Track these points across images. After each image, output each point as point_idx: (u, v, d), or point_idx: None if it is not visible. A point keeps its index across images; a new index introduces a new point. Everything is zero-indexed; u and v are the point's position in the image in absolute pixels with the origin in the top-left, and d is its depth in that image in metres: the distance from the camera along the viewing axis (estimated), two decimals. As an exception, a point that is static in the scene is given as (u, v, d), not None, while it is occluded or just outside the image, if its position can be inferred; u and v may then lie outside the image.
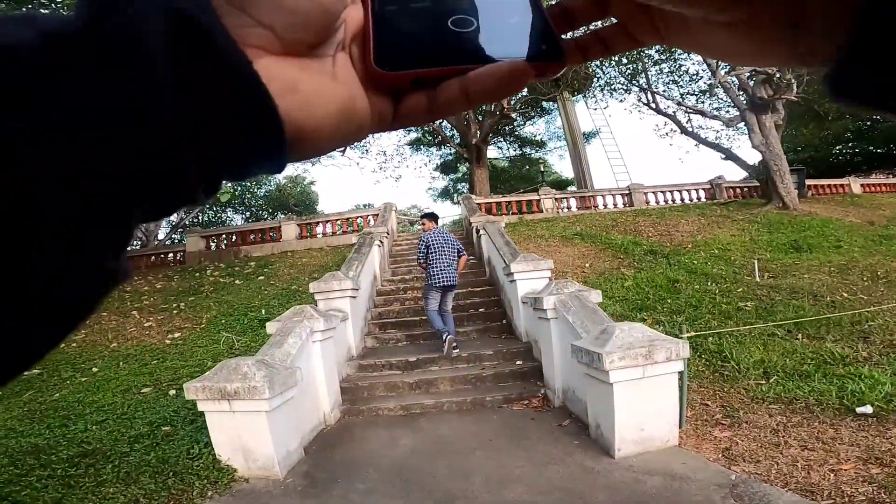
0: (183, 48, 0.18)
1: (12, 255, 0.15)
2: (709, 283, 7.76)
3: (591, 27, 0.30)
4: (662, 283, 7.67)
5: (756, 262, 8.42)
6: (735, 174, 18.85)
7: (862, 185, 18.66)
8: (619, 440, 3.56)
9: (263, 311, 8.18)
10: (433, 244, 6.22)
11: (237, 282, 10.49)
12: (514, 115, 20.82)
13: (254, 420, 3.53)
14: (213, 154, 0.20)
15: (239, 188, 31.89)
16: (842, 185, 18.39)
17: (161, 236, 23.51)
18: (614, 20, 0.28)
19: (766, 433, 3.80)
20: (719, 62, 13.85)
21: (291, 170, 37.83)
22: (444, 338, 6.01)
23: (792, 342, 5.58)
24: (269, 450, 3.62)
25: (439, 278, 6.12)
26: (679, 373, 3.52)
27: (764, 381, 4.72)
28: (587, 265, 8.84)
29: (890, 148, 25.18)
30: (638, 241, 10.03)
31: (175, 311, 8.96)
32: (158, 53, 0.17)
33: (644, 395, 3.42)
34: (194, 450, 4.00)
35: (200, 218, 29.68)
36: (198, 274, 11.95)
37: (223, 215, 32.44)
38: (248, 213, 32.78)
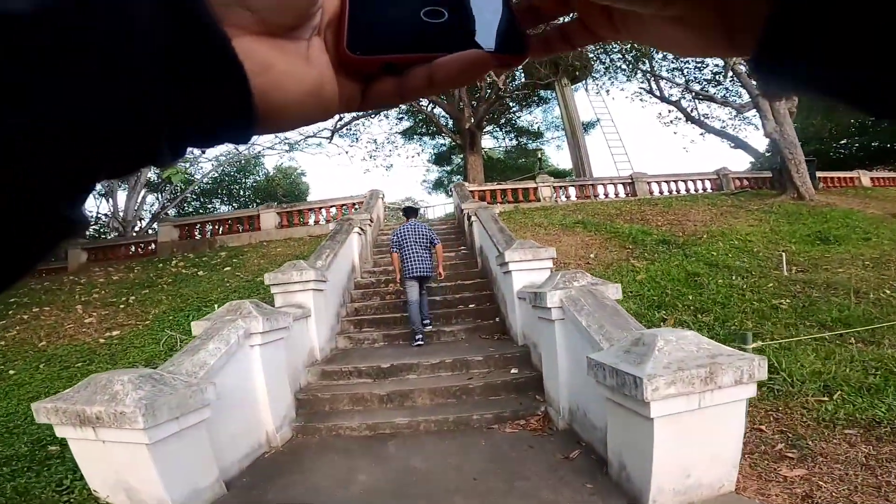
0: (168, 22, 0.18)
1: None
2: (733, 277, 6.77)
3: (555, 22, 0.31)
4: (681, 277, 6.65)
5: (783, 254, 7.43)
6: (738, 166, 18.10)
7: (871, 179, 17.81)
8: (656, 489, 2.52)
9: (218, 305, 7.07)
10: (404, 235, 6.18)
11: (200, 273, 9.39)
12: (509, 101, 19.72)
13: (132, 454, 2.48)
14: (185, 123, 0.20)
15: (227, 178, 30.77)
16: (851, 178, 17.52)
17: (139, 228, 22.37)
18: (575, 16, 0.29)
19: (854, 470, 2.79)
20: None
21: (280, 160, 36.55)
22: (416, 337, 5.91)
23: (846, 348, 4.58)
24: (159, 490, 2.56)
25: (410, 269, 6.07)
26: (748, 400, 2.48)
27: (826, 398, 3.70)
28: (592, 255, 7.82)
29: (893, 144, 24.37)
30: (647, 230, 9.01)
31: (122, 306, 7.86)
32: (145, 24, 0.18)
33: (696, 431, 2.38)
34: (67, 480, 2.95)
35: (185, 209, 28.48)
36: (161, 265, 10.83)
37: (209, 206, 31.18)
38: (235, 205, 31.50)
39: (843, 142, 25.97)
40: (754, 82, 14.29)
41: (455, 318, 6.85)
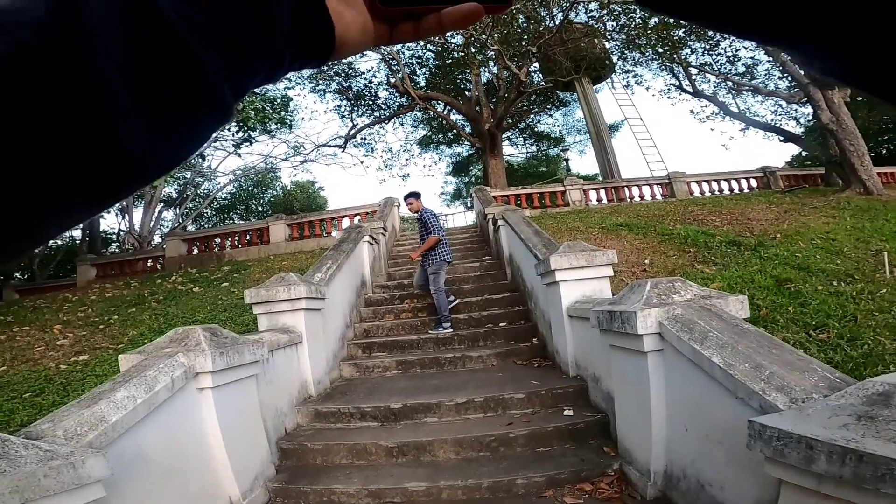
0: None
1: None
2: (833, 283, 5.39)
3: None
4: (768, 284, 5.31)
5: (885, 254, 6.01)
6: (774, 162, 16.36)
7: None
8: None
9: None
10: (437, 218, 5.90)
11: (195, 289, 8.42)
12: (529, 99, 18.57)
13: None
14: (297, 52, 0.29)
15: (244, 194, 30.39)
16: None
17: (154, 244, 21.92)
18: None
19: None
20: None
21: (295, 173, 36.15)
22: (443, 325, 5.71)
23: None
24: None
25: (449, 255, 5.93)
26: None
27: None
28: (646, 261, 6.52)
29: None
30: (707, 231, 7.67)
31: (102, 327, 6.91)
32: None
33: None
34: None
35: (203, 225, 28.07)
36: (160, 280, 9.94)
37: (228, 222, 30.83)
38: (252, 219, 31.07)
39: (886, 136, 23.94)
40: (802, 71, 12.88)
41: (483, 340, 5.63)
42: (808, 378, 1.72)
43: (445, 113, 17.91)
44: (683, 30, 13.37)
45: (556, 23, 13.66)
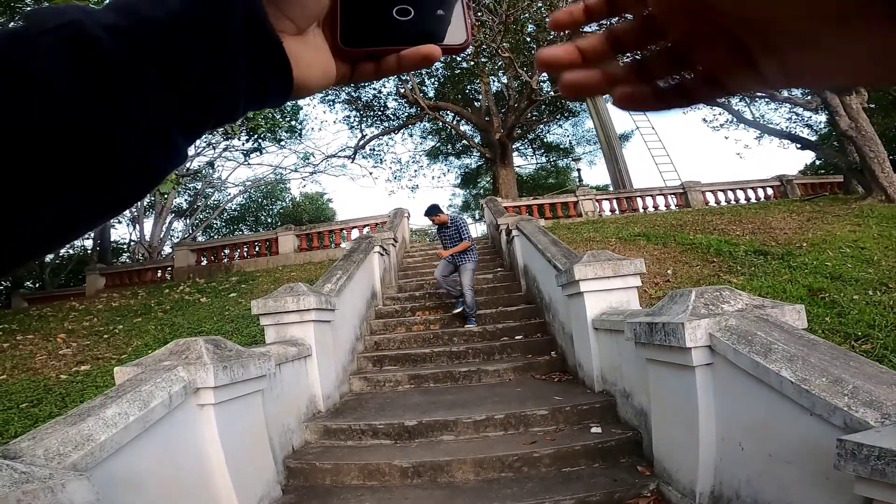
0: (252, 32, 0.27)
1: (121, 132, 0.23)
2: (868, 292, 5.11)
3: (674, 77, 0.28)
4: (801, 294, 5.04)
5: (921, 263, 5.71)
6: (788, 171, 15.97)
7: None
8: None
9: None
10: None
11: (203, 299, 8.28)
12: (540, 108, 18.45)
13: None
14: (253, 95, 0.29)
15: (253, 205, 30.52)
16: None
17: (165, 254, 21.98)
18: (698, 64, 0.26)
19: None
20: None
21: (304, 184, 36.34)
22: (472, 321, 5.93)
23: None
24: None
25: (476, 256, 6.29)
26: None
27: None
28: (669, 272, 6.26)
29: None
30: (730, 240, 7.39)
31: (107, 336, 6.76)
32: (241, 34, 0.27)
33: None
34: None
35: (213, 236, 28.17)
36: (168, 290, 9.83)
37: (238, 233, 30.97)
38: (262, 230, 31.19)
39: None
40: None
41: (499, 354, 5.39)
42: (890, 388, 1.49)
43: (455, 123, 17.85)
44: None
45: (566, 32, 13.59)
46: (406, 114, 18.21)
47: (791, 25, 0.19)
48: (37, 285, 21.50)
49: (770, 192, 14.44)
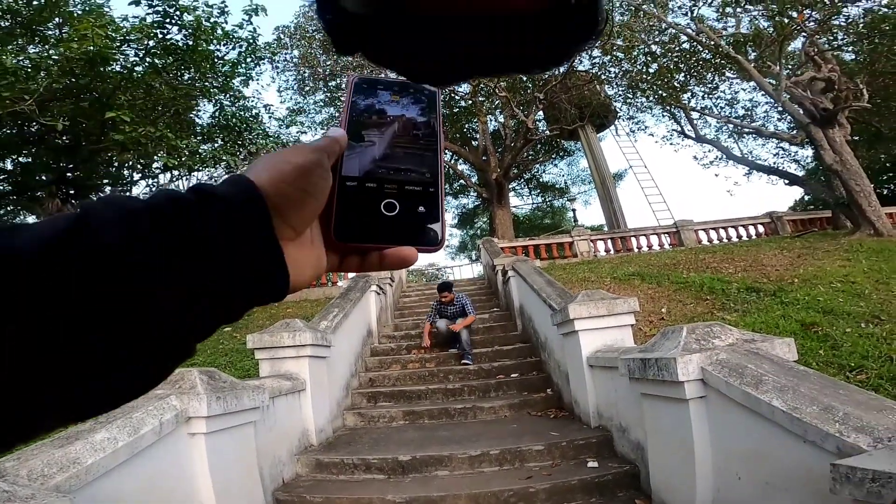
0: (259, 241, 0.29)
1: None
2: (860, 324, 5.15)
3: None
4: (794, 329, 5.08)
5: (911, 298, 5.79)
6: (777, 206, 16.23)
7: None
8: None
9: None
10: None
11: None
12: (535, 147, 18.97)
13: None
14: (252, 295, 0.29)
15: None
16: None
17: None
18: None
19: None
20: (781, 72, 11.87)
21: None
22: (468, 358, 6.09)
23: None
24: None
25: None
26: None
27: None
28: (663, 310, 6.30)
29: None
30: (723, 277, 7.47)
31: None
32: (248, 242, 0.28)
33: None
34: None
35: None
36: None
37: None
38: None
39: (888, 175, 23.85)
40: (802, 111, 13.09)
41: (494, 391, 5.34)
42: (888, 416, 1.54)
43: (452, 162, 18.31)
44: (683, 73, 13.80)
45: (561, 70, 14.21)
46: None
47: None
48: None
49: (761, 228, 14.64)
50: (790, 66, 13.21)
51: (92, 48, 8.04)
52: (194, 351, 0.29)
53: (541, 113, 16.88)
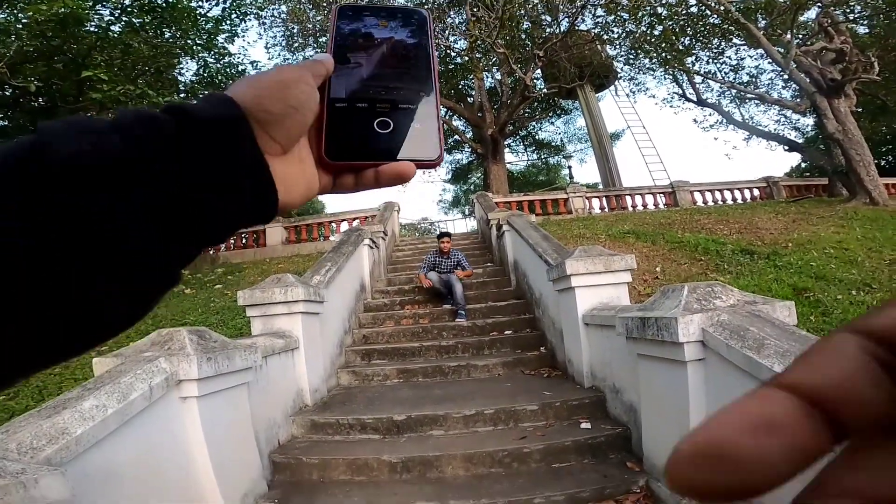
0: (242, 157, 0.28)
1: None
2: (851, 292, 5.19)
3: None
4: (786, 293, 5.10)
5: (905, 264, 5.82)
6: (777, 172, 16.22)
7: None
8: None
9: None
10: None
11: (187, 290, 8.13)
12: (529, 110, 18.45)
13: None
14: (239, 215, 0.29)
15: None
16: None
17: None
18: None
19: None
20: (792, 41, 11.48)
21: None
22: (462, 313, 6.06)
23: None
24: None
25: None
26: None
27: None
28: (658, 269, 6.30)
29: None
30: (718, 239, 7.46)
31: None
32: (232, 160, 0.28)
33: None
34: None
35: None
36: (151, 283, 9.59)
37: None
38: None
39: (886, 148, 23.84)
40: (809, 80, 12.81)
41: (488, 349, 5.36)
42: None
43: (447, 118, 17.75)
44: (689, 38, 13.32)
45: (562, 29, 13.57)
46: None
47: None
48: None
49: (756, 193, 14.61)
50: (801, 36, 12.76)
51: (63, 9, 7.57)
52: (178, 278, 0.27)
53: (539, 71, 16.26)
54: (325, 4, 14.69)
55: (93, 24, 9.16)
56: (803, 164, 23.73)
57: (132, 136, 0.24)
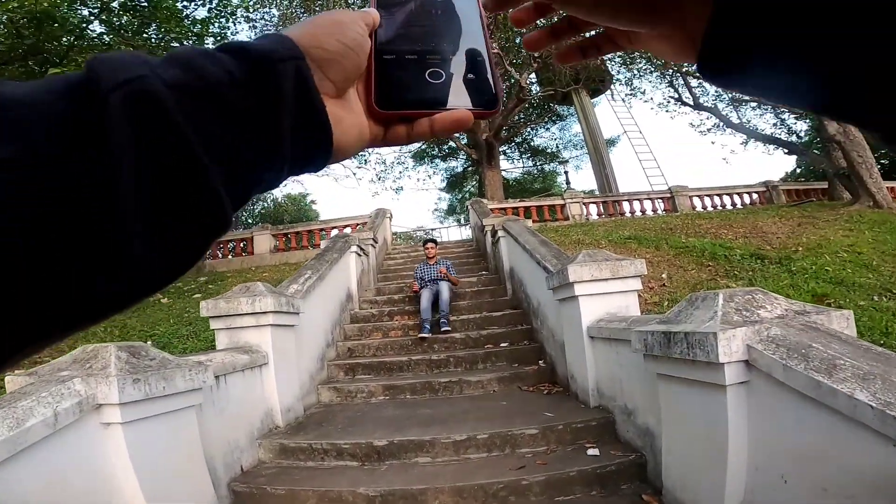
0: (300, 94, 0.27)
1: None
2: (873, 298, 4.82)
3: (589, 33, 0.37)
4: (805, 300, 4.69)
5: (924, 268, 5.46)
6: (773, 177, 15.85)
7: None
8: None
9: (156, 341, 5.26)
10: None
11: (164, 300, 7.66)
12: (524, 115, 18.20)
13: None
14: (296, 159, 0.28)
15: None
16: None
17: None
18: (601, 30, 0.36)
19: None
20: None
21: (289, 188, 35.79)
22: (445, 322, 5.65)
23: None
24: None
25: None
26: None
27: None
28: (664, 276, 5.90)
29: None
30: (724, 243, 7.09)
31: (51, 344, 6.09)
32: (290, 96, 0.27)
33: None
34: None
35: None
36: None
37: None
38: (239, 230, 30.28)
39: (884, 150, 23.73)
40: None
41: (482, 363, 4.93)
42: None
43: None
44: None
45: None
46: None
47: None
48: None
49: (756, 197, 14.38)
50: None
51: (35, 5, 7.27)
52: (229, 221, 0.25)
53: (534, 75, 16.03)
54: (316, 9, 14.42)
55: (70, 23, 8.85)
56: (798, 169, 23.56)
57: (213, 66, 0.24)
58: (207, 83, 0.24)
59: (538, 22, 0.36)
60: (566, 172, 18.44)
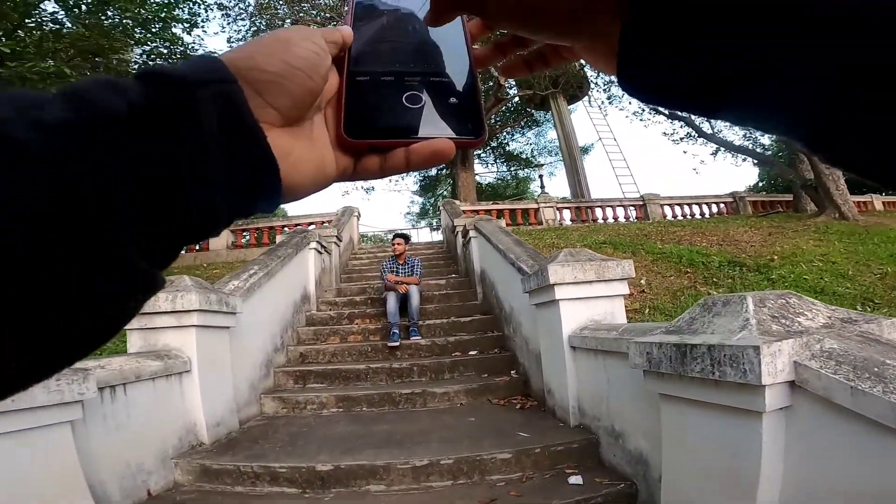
0: (229, 124, 0.23)
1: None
2: (856, 307, 4.64)
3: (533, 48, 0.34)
4: (792, 309, 4.47)
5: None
6: (738, 188, 16.25)
7: (883, 203, 16.39)
8: None
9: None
10: None
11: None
12: (500, 119, 18.00)
13: None
14: (234, 199, 0.24)
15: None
16: (865, 202, 15.94)
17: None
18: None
19: None
20: None
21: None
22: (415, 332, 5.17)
23: None
24: None
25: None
26: None
27: None
28: (643, 282, 5.60)
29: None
30: (700, 250, 6.89)
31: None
32: (211, 126, 0.23)
33: None
34: None
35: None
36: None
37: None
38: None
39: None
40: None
41: (449, 372, 4.46)
42: None
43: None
44: None
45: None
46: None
47: None
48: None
49: (723, 207, 14.60)
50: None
51: None
52: (160, 282, 0.22)
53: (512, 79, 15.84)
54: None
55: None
56: (761, 182, 24.28)
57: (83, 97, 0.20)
58: (100, 117, 0.20)
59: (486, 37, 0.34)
60: (541, 177, 18.24)
